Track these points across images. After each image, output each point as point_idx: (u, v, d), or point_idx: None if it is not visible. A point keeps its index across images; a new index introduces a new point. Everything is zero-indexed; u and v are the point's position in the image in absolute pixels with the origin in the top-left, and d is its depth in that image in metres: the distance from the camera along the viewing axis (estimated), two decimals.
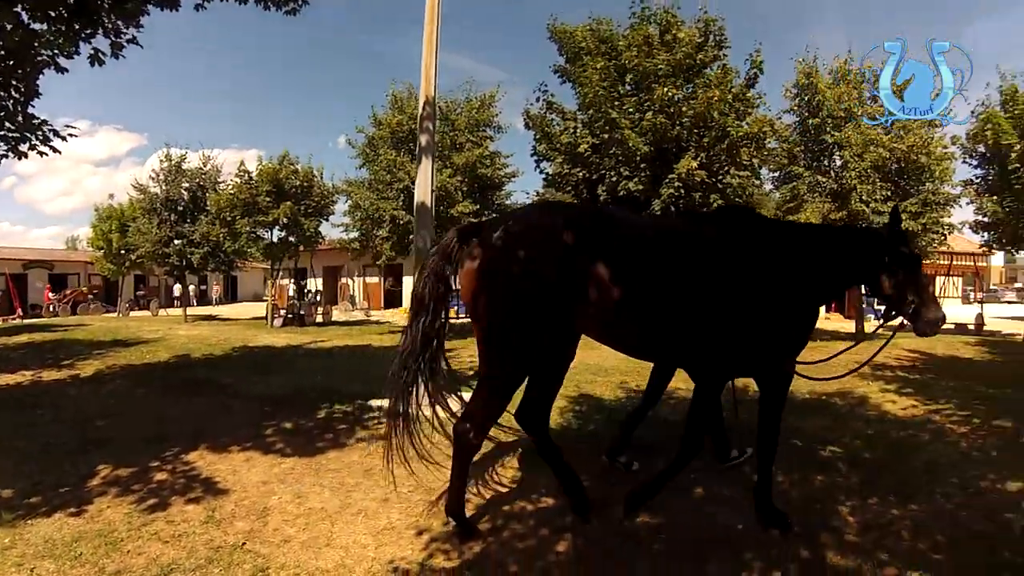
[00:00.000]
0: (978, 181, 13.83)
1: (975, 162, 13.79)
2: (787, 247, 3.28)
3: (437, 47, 6.35)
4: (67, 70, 5.79)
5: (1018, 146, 12.16)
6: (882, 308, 3.44)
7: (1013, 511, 3.64)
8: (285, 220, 15.78)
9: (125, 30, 5.74)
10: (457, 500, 3.24)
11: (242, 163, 16.39)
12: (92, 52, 5.55)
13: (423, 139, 6.30)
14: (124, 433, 5.08)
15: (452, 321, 4.30)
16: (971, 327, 15.86)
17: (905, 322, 3.23)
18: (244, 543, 3.12)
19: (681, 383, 5.22)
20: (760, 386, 3.46)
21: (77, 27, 5.32)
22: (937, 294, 18.32)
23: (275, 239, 16.67)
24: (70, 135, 6.35)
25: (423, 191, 6.32)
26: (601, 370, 8.05)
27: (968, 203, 13.89)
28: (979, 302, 19.71)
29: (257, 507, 3.55)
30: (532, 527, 3.31)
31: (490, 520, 3.41)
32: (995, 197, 13.22)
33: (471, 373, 6.42)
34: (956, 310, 18.52)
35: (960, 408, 6.24)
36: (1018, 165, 12.20)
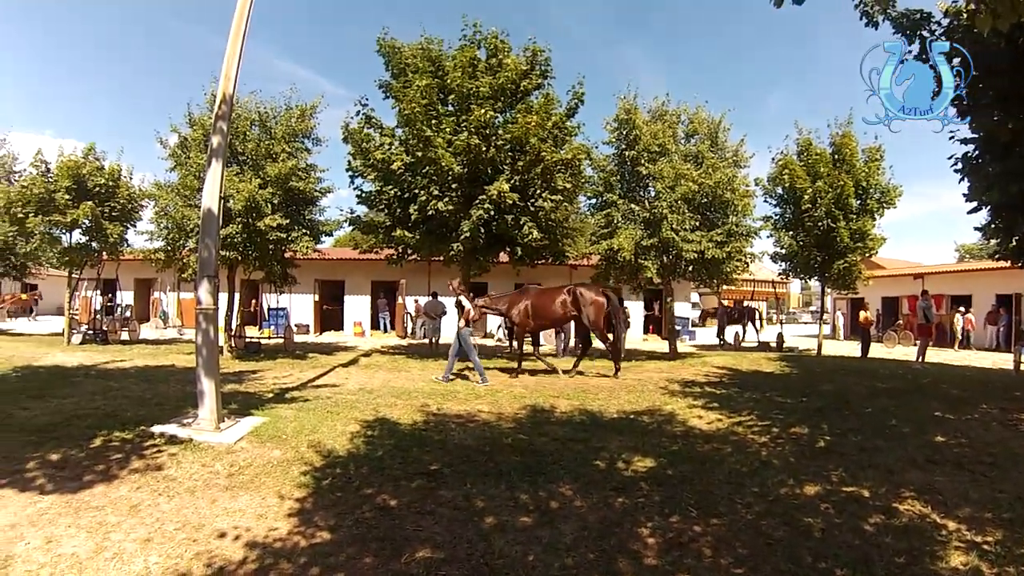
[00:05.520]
0: (776, 218, 16.02)
1: (774, 201, 16.05)
2: None
3: (243, 44, 6.17)
4: None
5: (810, 189, 14.51)
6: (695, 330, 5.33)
7: (811, 515, 3.65)
8: (86, 222, 13.71)
9: None
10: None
11: (39, 152, 13.94)
12: None
13: (215, 140, 5.99)
14: None
15: None
16: (772, 345, 18.10)
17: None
18: None
19: None
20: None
21: None
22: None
23: (74, 243, 14.40)
24: None
25: (211, 197, 5.97)
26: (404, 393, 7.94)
27: (768, 236, 16.06)
28: (780, 323, 22.75)
29: None
30: None
31: None
32: (790, 232, 15.49)
33: None
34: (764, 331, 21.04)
35: (761, 419, 6.49)
36: (809, 205, 14.55)
